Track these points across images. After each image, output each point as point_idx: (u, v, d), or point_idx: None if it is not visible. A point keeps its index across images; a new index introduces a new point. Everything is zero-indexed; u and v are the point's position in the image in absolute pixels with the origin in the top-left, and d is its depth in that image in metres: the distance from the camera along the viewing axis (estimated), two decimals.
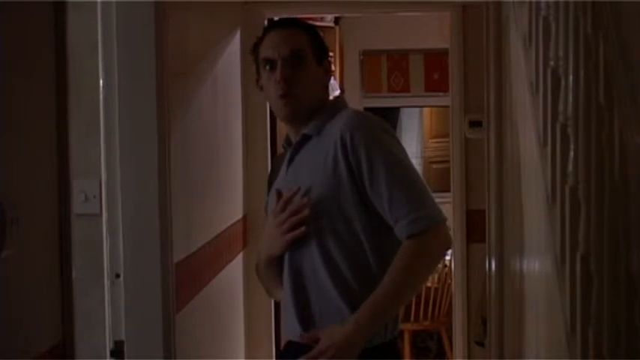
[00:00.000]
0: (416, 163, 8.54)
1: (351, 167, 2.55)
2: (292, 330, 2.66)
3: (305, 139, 2.69)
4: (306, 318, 2.61)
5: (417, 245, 2.51)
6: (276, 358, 5.33)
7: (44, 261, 3.07)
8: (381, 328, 2.57)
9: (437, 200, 2.66)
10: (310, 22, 6.76)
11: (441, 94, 7.54)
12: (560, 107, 2.71)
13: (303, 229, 2.59)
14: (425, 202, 2.56)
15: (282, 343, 2.83)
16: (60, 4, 3.10)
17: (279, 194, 2.68)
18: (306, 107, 2.68)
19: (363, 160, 2.54)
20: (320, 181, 2.59)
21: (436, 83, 7.99)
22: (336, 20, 7.44)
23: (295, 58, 2.66)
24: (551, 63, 2.85)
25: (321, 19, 7.02)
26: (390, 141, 2.63)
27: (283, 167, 2.77)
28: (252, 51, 2.77)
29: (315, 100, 2.71)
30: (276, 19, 3.27)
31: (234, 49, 5.04)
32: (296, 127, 2.73)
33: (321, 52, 2.75)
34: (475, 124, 5.22)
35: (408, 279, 2.54)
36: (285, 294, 2.69)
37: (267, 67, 2.67)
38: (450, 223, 5.65)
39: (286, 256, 2.67)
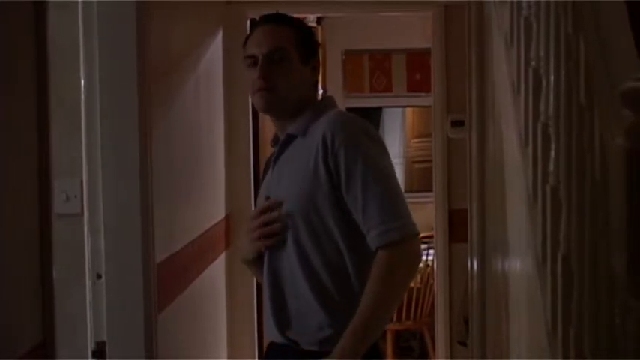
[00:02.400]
0: (398, 162, 8.57)
1: (330, 170, 2.52)
2: (271, 331, 2.67)
3: (290, 138, 2.68)
4: (282, 319, 2.61)
5: (388, 257, 2.46)
6: (259, 358, 5.33)
7: (25, 261, 3.06)
8: (318, 329, 2.57)
9: (419, 200, 2.68)
10: None
11: (423, 94, 7.56)
12: (542, 107, 2.72)
13: (268, 241, 2.63)
14: (399, 214, 2.51)
15: (265, 344, 2.83)
16: (40, 3, 3.09)
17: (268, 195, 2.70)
18: (286, 103, 2.66)
19: (342, 163, 2.51)
20: (300, 182, 2.58)
21: (418, 83, 8.01)
22: (319, 20, 7.44)
23: (276, 55, 2.64)
24: (533, 63, 2.85)
25: (304, 19, 7.02)
26: (371, 146, 2.57)
27: (270, 166, 2.78)
28: (243, 46, 2.76)
29: (298, 97, 2.68)
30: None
31: (216, 49, 5.03)
32: (281, 124, 2.72)
33: (307, 49, 2.72)
34: (457, 123, 5.23)
35: (388, 292, 2.48)
36: (265, 295, 2.70)
37: (250, 64, 2.67)
38: (432, 222, 5.67)
39: (265, 258, 2.67)
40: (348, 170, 2.50)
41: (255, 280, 4.54)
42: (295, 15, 2.73)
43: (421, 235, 5.53)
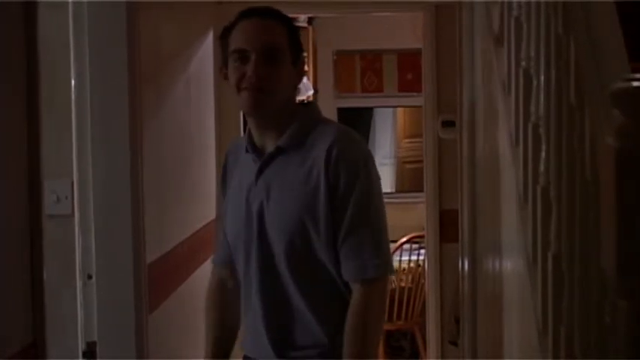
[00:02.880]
0: (389, 163, 8.58)
1: (330, 190, 2.45)
2: (259, 351, 2.59)
3: (279, 151, 2.54)
4: (280, 342, 2.54)
5: (372, 292, 2.48)
6: None
7: (15, 262, 3.05)
8: (317, 341, 2.53)
9: (410, 200, 2.70)
10: None
11: (414, 94, 7.57)
12: (532, 107, 2.72)
13: None
14: (382, 250, 2.52)
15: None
16: (31, 3, 3.08)
17: (248, 206, 2.56)
18: (274, 105, 2.51)
19: (341, 186, 2.45)
20: (298, 198, 2.47)
21: (409, 83, 8.02)
22: (310, 20, 7.44)
23: (270, 53, 2.47)
24: (523, 63, 2.86)
25: (295, 19, 7.02)
26: (369, 177, 2.52)
27: (248, 173, 2.60)
28: (220, 36, 2.57)
29: (285, 99, 2.55)
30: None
31: (207, 49, 5.03)
32: (262, 129, 2.57)
33: (297, 48, 2.58)
34: (448, 124, 5.24)
35: (370, 331, 2.48)
36: (253, 314, 2.58)
37: (238, 59, 2.48)
38: (423, 222, 5.67)
39: (256, 278, 2.55)
40: (344, 195, 2.45)
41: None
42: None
43: (412, 235, 5.55)
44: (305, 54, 2.76)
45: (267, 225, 2.51)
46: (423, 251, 6.08)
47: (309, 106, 2.72)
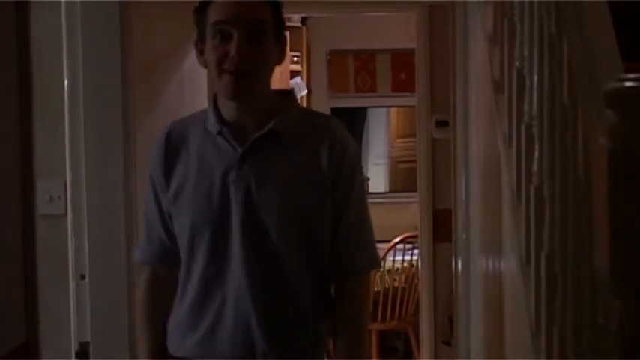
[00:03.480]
0: (383, 163, 8.58)
1: (331, 183, 2.39)
2: (230, 348, 2.38)
3: (271, 134, 2.37)
4: (271, 332, 2.38)
5: (365, 283, 2.56)
6: None
7: (9, 262, 3.05)
8: (309, 329, 2.46)
9: (404, 200, 2.73)
10: None
11: (407, 94, 7.55)
12: (525, 107, 2.72)
13: None
14: (374, 244, 2.54)
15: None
16: (23, 3, 3.08)
17: (225, 190, 2.34)
18: (257, 88, 2.35)
19: (343, 181, 2.41)
20: (298, 187, 2.37)
21: (403, 83, 8.01)
22: (303, 20, 7.44)
23: (254, 29, 2.28)
24: (516, 63, 2.86)
25: (288, 19, 7.02)
26: (362, 174, 2.56)
27: (217, 156, 2.38)
28: (196, 10, 2.37)
29: (267, 80, 2.39)
30: None
31: None
32: (242, 109, 2.37)
33: (280, 24, 2.38)
34: (442, 124, 5.23)
35: (367, 320, 2.62)
36: (224, 307, 2.38)
37: (218, 35, 2.28)
38: (416, 222, 5.68)
39: (238, 267, 2.36)
40: (345, 189, 2.42)
41: None
42: None
43: (406, 235, 5.55)
44: (299, 54, 2.72)
45: (258, 211, 2.34)
46: (416, 251, 6.07)
47: (292, 93, 2.57)
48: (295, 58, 7.13)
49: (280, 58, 2.43)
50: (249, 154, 2.35)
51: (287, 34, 2.49)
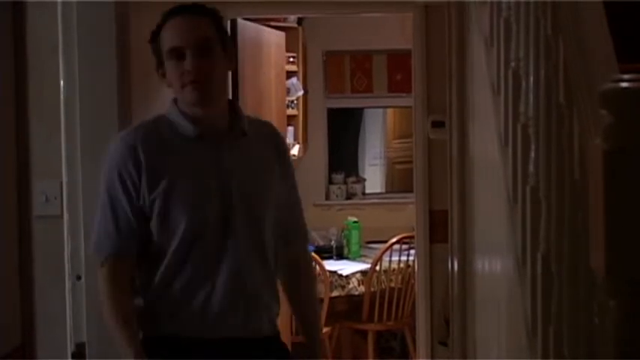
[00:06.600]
0: (379, 163, 8.58)
1: (280, 169, 2.81)
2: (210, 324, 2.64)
3: (241, 134, 2.73)
4: (246, 318, 2.69)
5: (309, 257, 3.12)
6: None
7: (4, 263, 3.05)
8: (271, 320, 2.77)
9: (400, 201, 2.82)
10: (273, 22, 6.72)
11: (404, 94, 7.56)
12: (521, 108, 2.73)
13: None
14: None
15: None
16: (19, 3, 3.08)
17: (219, 186, 2.66)
18: (215, 94, 2.67)
19: (287, 167, 2.86)
20: (265, 179, 2.74)
21: (399, 84, 8.00)
22: (299, 21, 7.43)
23: (204, 46, 2.60)
24: (512, 64, 2.86)
25: (285, 20, 7.01)
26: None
27: (193, 156, 2.66)
28: (150, 39, 2.69)
29: (223, 86, 2.78)
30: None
31: None
32: (208, 113, 2.67)
33: (225, 37, 2.74)
34: (438, 124, 5.23)
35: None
36: (210, 294, 2.63)
37: (174, 57, 2.60)
38: (412, 223, 5.67)
39: (224, 254, 2.64)
40: (288, 176, 2.86)
41: None
42: (275, 16, 2.72)
43: (402, 235, 5.53)
44: (294, 55, 2.92)
45: (245, 200, 2.67)
46: (412, 252, 6.07)
47: (236, 100, 3.12)
48: (291, 59, 7.13)
49: (230, 65, 2.80)
50: (226, 150, 2.68)
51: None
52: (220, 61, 2.66)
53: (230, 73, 4.28)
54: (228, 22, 5.18)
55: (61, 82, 3.12)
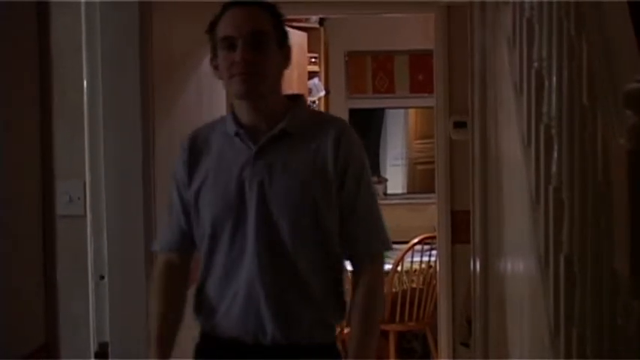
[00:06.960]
0: (401, 164, 8.57)
1: (338, 173, 2.57)
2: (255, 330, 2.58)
3: (282, 134, 2.59)
4: (284, 322, 2.57)
5: (378, 267, 2.69)
6: None
7: (28, 263, 3.06)
8: (325, 328, 2.63)
9: (422, 201, 2.76)
10: (295, 23, 6.72)
11: (425, 95, 7.53)
12: (544, 108, 2.72)
13: None
14: (384, 227, 2.69)
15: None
16: (43, 4, 3.10)
17: (241, 185, 2.57)
18: (265, 88, 2.57)
19: (351, 171, 2.59)
20: (306, 177, 2.55)
21: (421, 84, 7.99)
22: (321, 21, 7.43)
23: (257, 38, 2.52)
24: (535, 64, 2.85)
25: (306, 20, 7.02)
26: (369, 168, 2.70)
27: (235, 154, 2.62)
28: (208, 29, 2.63)
29: (275, 82, 2.62)
30: None
31: None
32: (255, 109, 2.60)
33: (282, 34, 2.63)
34: (460, 125, 5.22)
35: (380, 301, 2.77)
36: (238, 297, 2.59)
37: (226, 47, 2.54)
38: (434, 223, 5.67)
39: (252, 256, 2.56)
40: (355, 180, 2.60)
41: None
42: (297, 16, 2.70)
43: (424, 236, 5.53)
44: (316, 55, 2.82)
45: (270, 203, 2.55)
46: (434, 252, 6.06)
47: (301, 97, 2.80)
48: (313, 59, 7.13)
49: (285, 62, 2.66)
50: (263, 152, 2.58)
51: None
52: (273, 56, 2.57)
53: None
54: None
55: (85, 83, 3.13)
